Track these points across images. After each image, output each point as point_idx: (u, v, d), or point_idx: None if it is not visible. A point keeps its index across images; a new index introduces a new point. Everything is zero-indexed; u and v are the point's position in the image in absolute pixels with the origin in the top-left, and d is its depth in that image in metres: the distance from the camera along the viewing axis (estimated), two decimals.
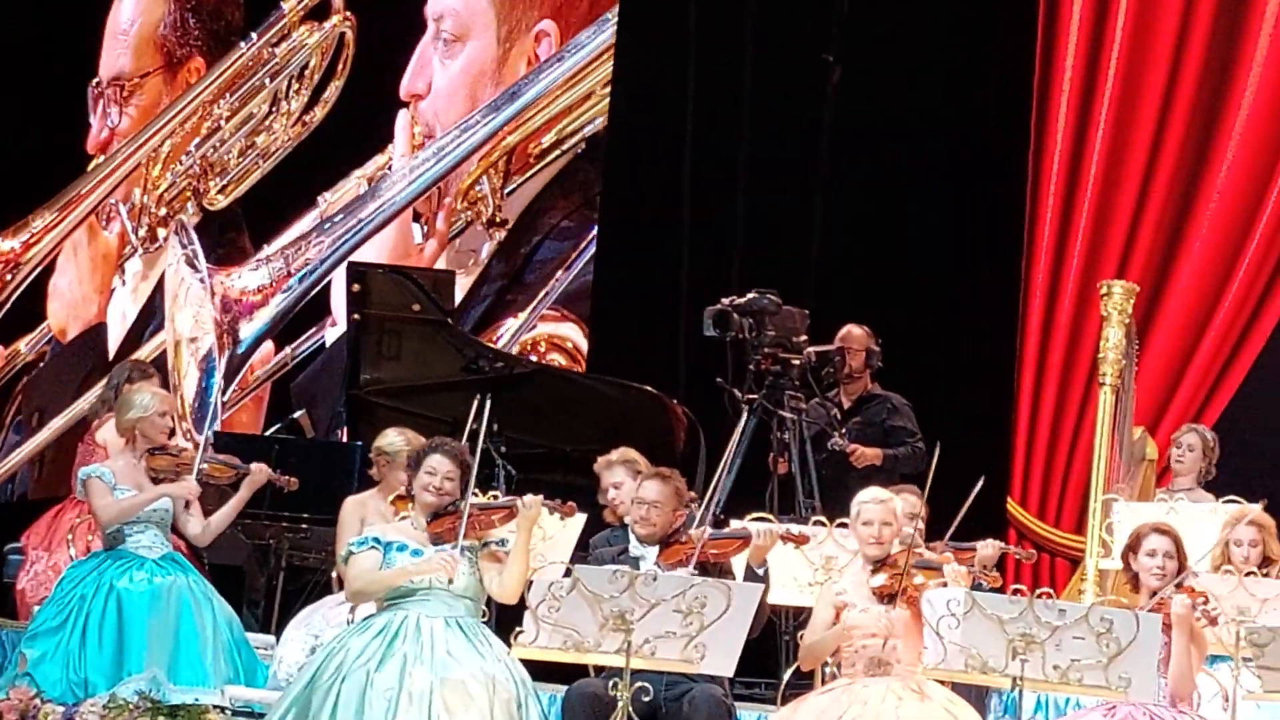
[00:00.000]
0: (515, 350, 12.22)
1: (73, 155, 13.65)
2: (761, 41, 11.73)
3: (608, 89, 12.29)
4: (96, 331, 13.75)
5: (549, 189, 12.59)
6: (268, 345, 12.97)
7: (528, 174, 12.68)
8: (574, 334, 12.32)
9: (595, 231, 12.20)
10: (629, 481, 8.30)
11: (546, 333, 12.48)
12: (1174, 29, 11.59)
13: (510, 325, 12.39)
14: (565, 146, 12.62)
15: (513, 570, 7.12)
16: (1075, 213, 11.65)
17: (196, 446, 8.67)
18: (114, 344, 13.66)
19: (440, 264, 12.72)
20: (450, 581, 7.03)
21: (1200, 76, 11.61)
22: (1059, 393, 11.64)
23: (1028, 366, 11.64)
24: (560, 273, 12.42)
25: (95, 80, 13.68)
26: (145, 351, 13.21)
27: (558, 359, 12.31)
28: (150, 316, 13.54)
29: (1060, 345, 11.64)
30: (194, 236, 12.57)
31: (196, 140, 13.49)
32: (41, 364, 13.82)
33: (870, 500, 7.67)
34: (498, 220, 12.68)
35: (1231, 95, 11.59)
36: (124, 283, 13.74)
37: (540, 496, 7.35)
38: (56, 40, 13.45)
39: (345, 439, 10.97)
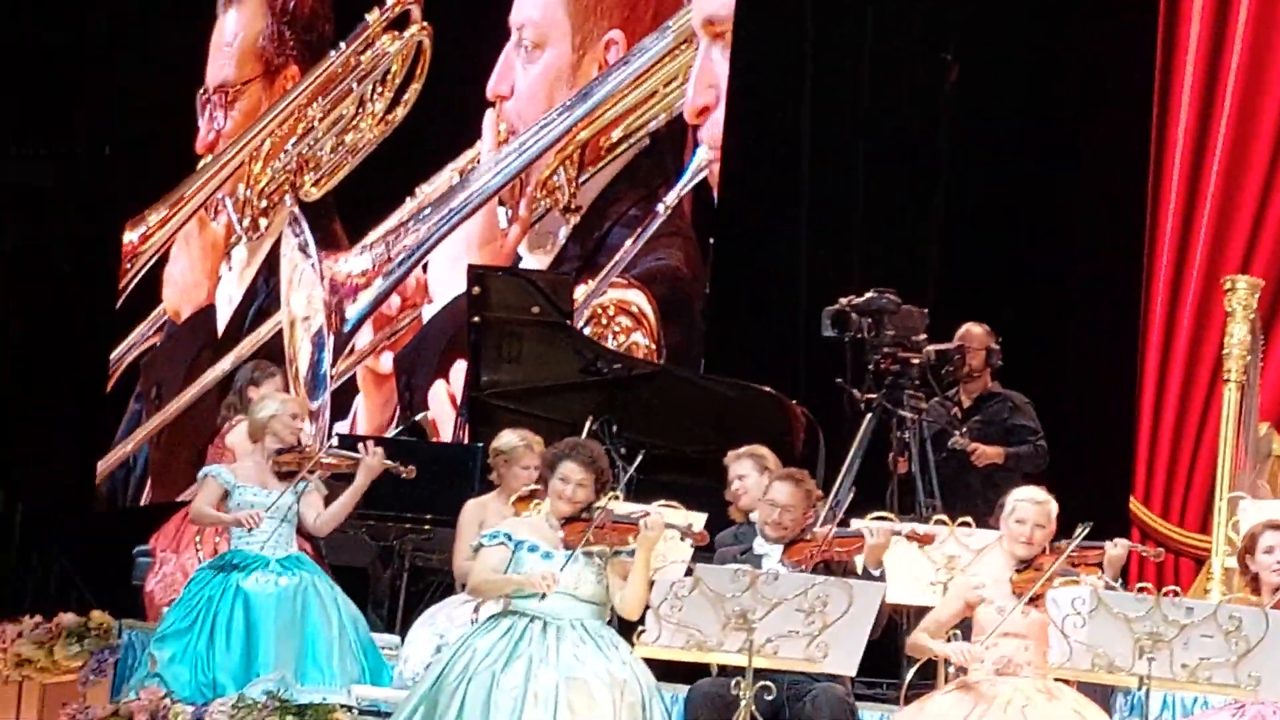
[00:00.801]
0: (587, 314, 12.61)
1: (183, 156, 14.53)
2: (879, 39, 11.70)
3: (669, 87, 12.79)
4: (206, 313, 14.56)
5: (617, 180, 13.18)
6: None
7: (599, 165, 13.26)
8: (639, 299, 12.71)
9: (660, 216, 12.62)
10: (754, 475, 8.31)
11: (615, 298, 12.80)
12: None
13: (581, 290, 12.69)
14: (631, 141, 13.11)
15: (632, 589, 7.15)
16: (1198, 207, 11.54)
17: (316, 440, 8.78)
18: (222, 324, 14.46)
19: (522, 247, 13.29)
20: (542, 597, 7.06)
21: None
22: (1182, 390, 11.53)
23: (1150, 363, 11.54)
24: (628, 243, 12.86)
25: (202, 88, 14.52)
26: (265, 329, 14.02)
27: (624, 320, 12.65)
28: (253, 298, 14.43)
29: (1183, 341, 11.53)
30: (305, 226, 13.53)
31: (293, 139, 14.29)
32: (159, 343, 14.70)
33: (1027, 499, 7.59)
34: (573, 207, 13.24)
35: None
36: (230, 269, 14.60)
37: (663, 518, 7.37)
38: (169, 53, 14.32)
39: (467, 441, 11.05)
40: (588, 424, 9.71)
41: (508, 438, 8.62)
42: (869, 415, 9.64)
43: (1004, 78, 11.43)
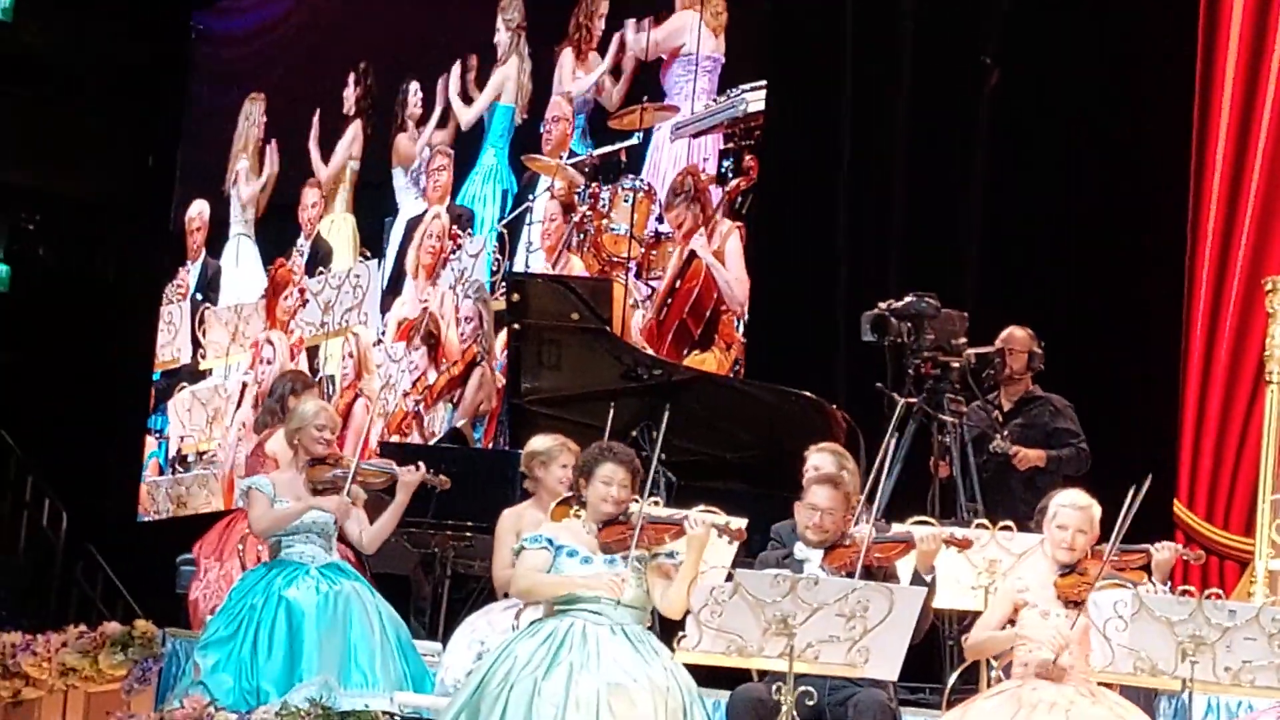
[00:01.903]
0: None
1: None
2: (920, 42, 11.69)
3: None
4: None
5: None
6: None
7: None
8: None
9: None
10: (829, 468, 8.33)
11: None
12: None
13: None
14: None
15: (679, 589, 7.17)
16: (1240, 208, 11.49)
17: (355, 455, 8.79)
18: None
19: None
20: (618, 604, 7.10)
21: None
22: (1225, 392, 11.48)
23: (1193, 366, 11.49)
24: None
25: None
26: None
27: None
28: None
29: (1226, 344, 11.47)
30: None
31: None
32: None
33: (1069, 505, 7.58)
34: None
35: None
36: None
37: (710, 519, 7.38)
38: None
39: (507, 447, 11.06)
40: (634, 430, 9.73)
41: (541, 440, 8.62)
42: (909, 419, 9.61)
43: (1043, 80, 11.41)
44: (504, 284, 13.08)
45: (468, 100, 14.85)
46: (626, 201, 13.28)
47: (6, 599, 14.59)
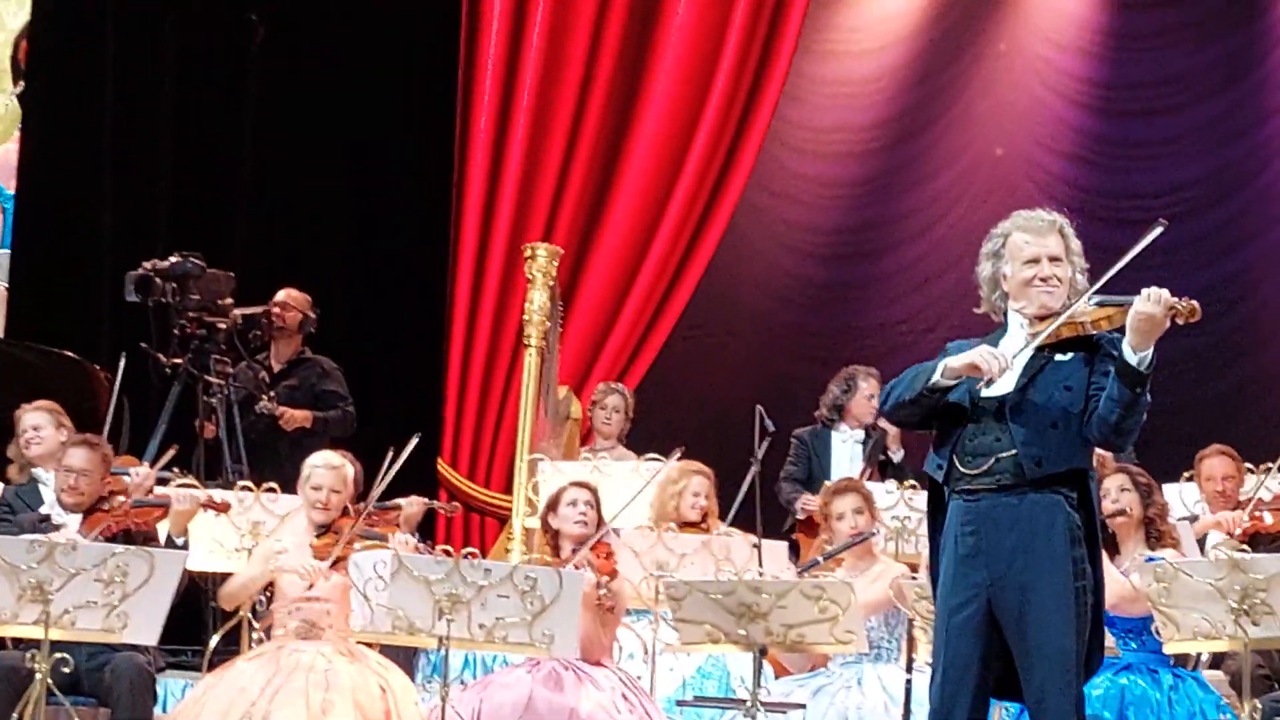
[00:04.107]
0: None
1: None
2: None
3: None
4: None
5: None
6: None
7: None
8: None
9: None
10: (50, 429, 8.14)
11: None
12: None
13: None
14: None
15: None
16: (503, 177, 11.82)
17: None
18: None
19: None
20: None
21: (620, 49, 11.93)
22: (488, 355, 11.80)
23: (458, 329, 11.76)
24: None
25: None
26: None
27: None
28: None
29: (489, 308, 11.79)
30: None
31: None
32: None
33: (322, 465, 7.66)
34: None
35: (649, 69, 11.97)
36: None
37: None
38: None
39: None
40: None
41: None
42: (175, 380, 9.50)
43: (310, 40, 11.40)
44: None
45: None
46: None
47: None
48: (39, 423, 8.43)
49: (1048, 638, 5.45)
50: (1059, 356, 5.60)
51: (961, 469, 5.60)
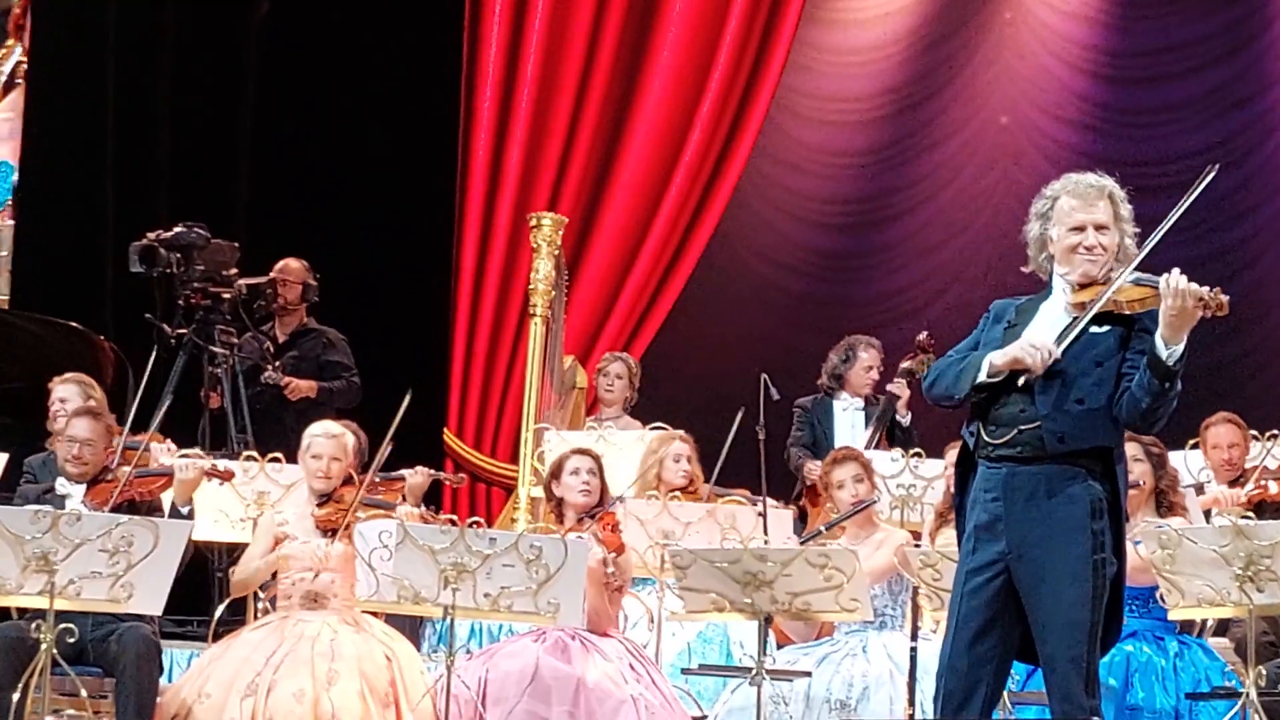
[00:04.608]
0: None
1: None
2: None
3: None
4: None
5: None
6: None
7: None
8: None
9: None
10: (77, 401, 8.14)
11: None
12: None
13: None
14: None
15: None
16: (508, 146, 11.80)
17: None
18: None
19: None
20: None
21: (625, 17, 11.92)
22: (494, 324, 11.80)
23: (463, 299, 11.76)
24: None
25: None
26: None
27: None
28: None
29: (494, 278, 11.79)
30: None
31: None
32: None
33: (322, 434, 7.66)
34: None
35: (655, 38, 11.96)
36: None
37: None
38: None
39: None
40: None
41: None
42: (180, 350, 9.51)
43: (315, 12, 11.38)
44: None
45: None
46: None
47: None
48: (66, 395, 8.43)
49: (1061, 609, 5.45)
50: (1094, 329, 5.59)
51: (987, 437, 5.60)
